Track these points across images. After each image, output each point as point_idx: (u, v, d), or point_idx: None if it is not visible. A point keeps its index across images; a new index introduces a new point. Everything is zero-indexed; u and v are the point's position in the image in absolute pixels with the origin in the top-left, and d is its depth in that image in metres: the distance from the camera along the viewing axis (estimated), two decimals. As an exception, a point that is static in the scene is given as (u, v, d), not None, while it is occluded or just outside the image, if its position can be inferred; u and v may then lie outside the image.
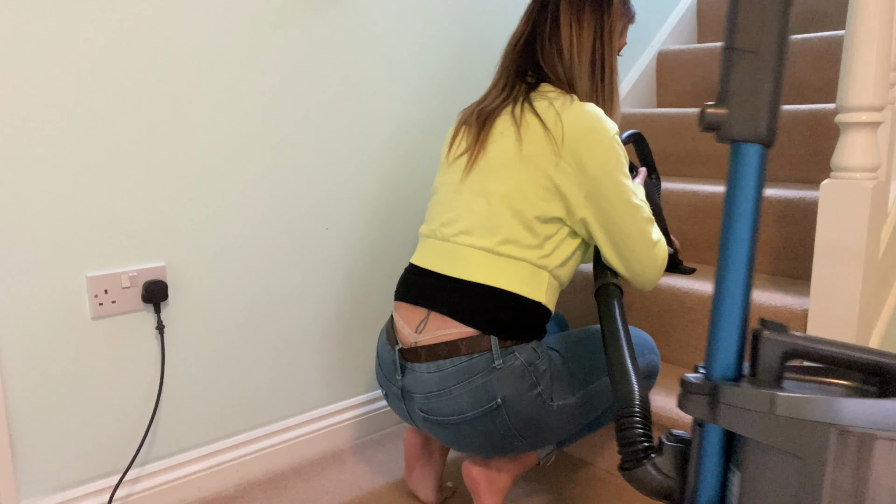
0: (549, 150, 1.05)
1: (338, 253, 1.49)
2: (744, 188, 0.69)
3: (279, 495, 1.34)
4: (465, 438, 1.08)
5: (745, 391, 0.66)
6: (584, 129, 1.04)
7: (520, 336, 1.06)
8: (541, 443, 1.11)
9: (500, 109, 1.13)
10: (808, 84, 1.94)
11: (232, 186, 1.30)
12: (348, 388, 1.57)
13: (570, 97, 1.09)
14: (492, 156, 1.10)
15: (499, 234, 1.06)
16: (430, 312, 1.09)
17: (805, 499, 0.65)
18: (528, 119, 1.08)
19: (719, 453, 0.70)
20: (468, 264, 1.07)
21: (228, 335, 1.34)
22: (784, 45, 0.68)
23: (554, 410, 1.07)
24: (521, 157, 1.06)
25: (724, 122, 0.69)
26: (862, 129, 1.12)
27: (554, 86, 1.13)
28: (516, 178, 1.06)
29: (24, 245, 1.08)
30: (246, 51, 1.28)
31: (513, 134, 1.08)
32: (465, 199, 1.11)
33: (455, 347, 1.05)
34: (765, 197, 1.53)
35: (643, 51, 2.27)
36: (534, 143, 1.06)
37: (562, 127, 1.05)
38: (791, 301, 1.30)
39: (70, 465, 1.18)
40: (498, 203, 1.07)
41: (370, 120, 1.49)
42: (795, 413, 0.65)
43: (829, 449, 0.64)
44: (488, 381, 1.03)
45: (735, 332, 0.69)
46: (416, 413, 1.11)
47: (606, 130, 1.05)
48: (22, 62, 1.05)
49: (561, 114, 1.06)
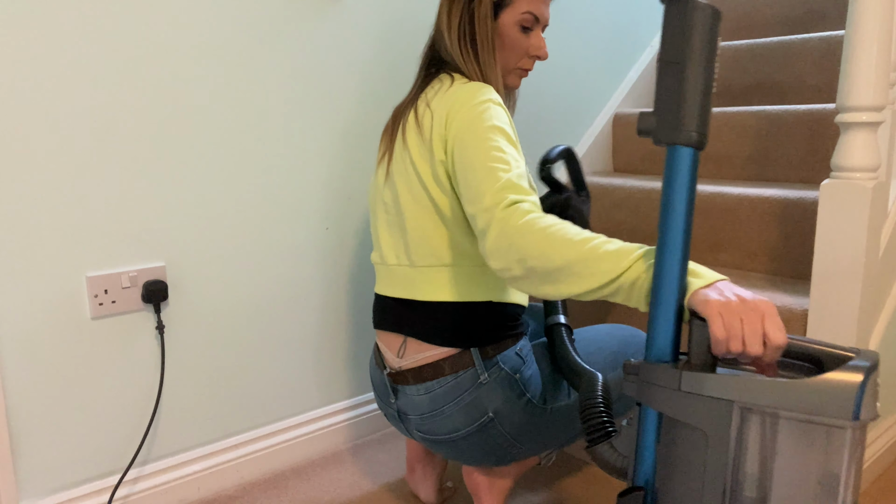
0: (422, 143, 1.03)
1: (338, 253, 1.49)
2: (677, 187, 0.74)
3: (279, 495, 1.34)
4: (466, 453, 1.08)
5: (658, 369, 0.71)
6: (447, 106, 1.01)
7: (498, 339, 1.05)
8: (543, 447, 1.11)
9: (406, 108, 1.11)
10: (808, 84, 1.94)
11: (232, 187, 1.30)
12: (349, 388, 1.57)
13: (446, 82, 1.06)
14: (395, 164, 1.09)
15: (424, 247, 1.04)
16: (406, 338, 1.09)
17: (711, 475, 0.68)
18: (409, 116, 1.07)
19: (655, 431, 0.74)
20: (416, 285, 1.06)
21: (228, 335, 1.34)
22: (709, 55, 0.73)
23: (548, 413, 1.07)
24: (405, 160, 1.05)
25: (653, 127, 0.75)
26: (862, 129, 1.12)
27: (446, 72, 1.10)
28: (413, 185, 1.04)
29: (24, 245, 1.08)
30: (247, 51, 1.28)
31: (401, 139, 1.08)
32: (387, 217, 1.10)
33: (439, 368, 1.04)
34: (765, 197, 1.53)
35: (643, 51, 2.27)
36: (413, 141, 1.05)
37: (430, 114, 1.03)
38: (791, 301, 1.30)
39: (70, 465, 1.18)
40: (411, 217, 1.05)
41: (371, 120, 1.49)
42: (699, 389, 0.68)
43: (732, 426, 0.67)
44: (477, 397, 1.03)
45: (670, 318, 0.74)
46: (415, 433, 1.12)
47: (469, 98, 0.99)
48: (22, 61, 1.04)
49: (430, 102, 1.05)
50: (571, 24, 1.98)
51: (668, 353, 0.74)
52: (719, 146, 1.90)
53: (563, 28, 1.94)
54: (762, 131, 1.80)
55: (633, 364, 0.75)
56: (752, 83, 2.06)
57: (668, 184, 0.75)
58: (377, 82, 1.49)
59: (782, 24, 2.24)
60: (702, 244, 1.66)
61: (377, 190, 1.14)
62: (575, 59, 2.01)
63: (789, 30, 2.23)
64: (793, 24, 2.22)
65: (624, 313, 1.54)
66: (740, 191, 1.59)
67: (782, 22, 2.24)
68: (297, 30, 1.34)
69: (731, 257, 1.62)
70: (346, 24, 1.42)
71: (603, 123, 2.14)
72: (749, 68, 2.06)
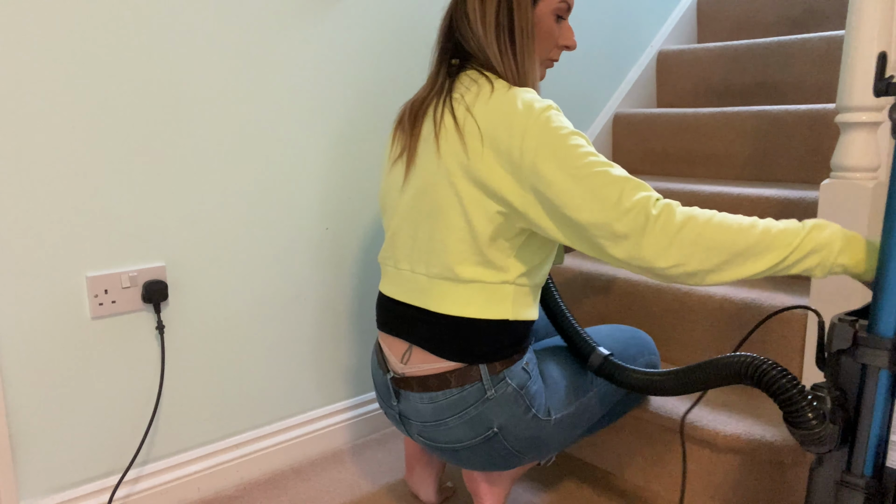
0: (464, 154, 0.95)
1: (338, 253, 1.49)
2: None
3: (279, 495, 1.34)
4: (467, 461, 1.07)
5: None
6: (499, 121, 0.93)
7: (506, 356, 1.01)
8: (545, 454, 1.10)
9: (428, 104, 1.04)
10: (808, 84, 1.94)
11: (232, 186, 1.30)
12: (348, 388, 1.57)
13: (485, 86, 0.99)
14: (420, 168, 1.02)
15: (447, 258, 0.99)
16: (412, 346, 1.05)
17: None
18: (446, 120, 0.99)
19: (887, 394, 0.79)
20: (430, 295, 1.02)
21: (228, 335, 1.34)
22: None
23: (552, 424, 1.06)
24: (441, 169, 0.98)
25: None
26: (862, 129, 1.12)
27: (473, 68, 1.04)
28: (444, 193, 0.98)
29: (25, 245, 1.08)
30: (247, 51, 1.28)
31: (433, 141, 1.00)
32: (405, 221, 1.05)
33: (445, 380, 1.01)
34: (765, 197, 1.53)
35: (643, 51, 2.27)
36: (450, 149, 0.97)
37: (475, 123, 0.95)
38: (791, 301, 1.30)
39: (70, 465, 1.18)
40: (436, 226, 0.99)
41: (370, 120, 1.49)
42: None
43: None
44: (482, 412, 1.01)
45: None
46: (416, 437, 1.10)
47: (530, 113, 0.92)
48: (22, 61, 1.05)
49: (472, 108, 0.97)
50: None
51: (893, 329, 0.77)
52: (719, 146, 1.90)
53: (563, 28, 1.94)
54: (762, 131, 1.80)
55: (880, 339, 0.78)
56: (752, 83, 2.06)
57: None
58: (377, 82, 1.49)
59: (782, 24, 2.24)
60: (702, 244, 1.66)
61: (393, 190, 1.08)
62: (575, 59, 2.02)
63: (789, 30, 2.23)
64: (793, 24, 2.22)
65: (624, 313, 1.54)
66: (740, 191, 1.59)
67: (782, 22, 2.24)
68: (297, 30, 1.34)
69: (731, 257, 1.61)
70: (345, 25, 1.42)
71: (603, 123, 2.15)
72: (749, 68, 2.06)
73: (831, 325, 0.82)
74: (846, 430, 0.81)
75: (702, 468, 1.22)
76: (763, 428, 1.17)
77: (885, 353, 0.77)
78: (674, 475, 1.28)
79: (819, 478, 0.84)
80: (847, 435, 0.81)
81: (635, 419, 1.33)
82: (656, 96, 2.32)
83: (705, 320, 1.39)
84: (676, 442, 1.27)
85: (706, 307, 1.39)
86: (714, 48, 2.14)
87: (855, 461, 0.81)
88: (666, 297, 1.45)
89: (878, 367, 0.78)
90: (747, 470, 1.17)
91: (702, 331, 1.40)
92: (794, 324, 1.27)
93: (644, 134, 2.08)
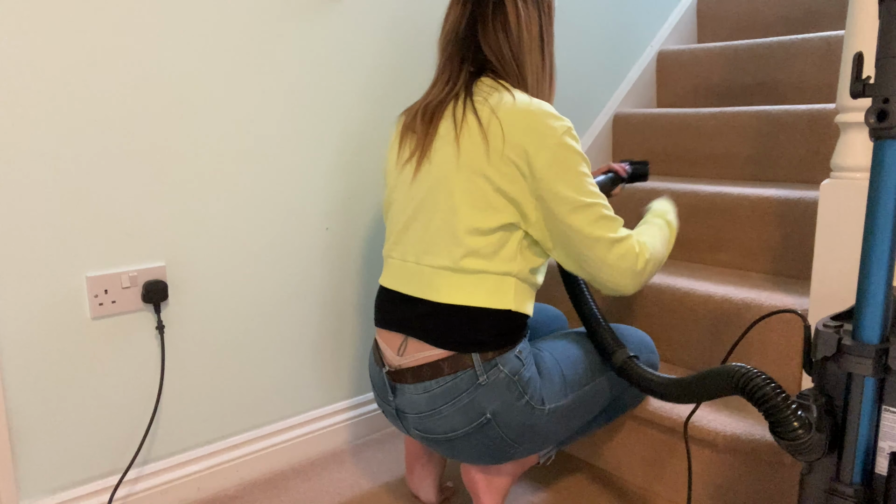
0: (485, 153, 1.00)
1: (338, 253, 1.49)
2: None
3: (279, 495, 1.34)
4: (464, 452, 1.08)
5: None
6: (524, 128, 0.99)
7: (500, 345, 1.04)
8: (540, 446, 1.11)
9: (444, 106, 1.07)
10: (808, 84, 1.94)
11: (232, 186, 1.30)
12: (348, 389, 1.57)
13: (506, 92, 1.03)
14: (435, 164, 1.05)
15: (456, 250, 1.03)
16: (407, 337, 1.08)
17: None
18: (468, 119, 1.03)
19: (872, 401, 0.79)
20: (433, 285, 1.05)
21: (228, 335, 1.35)
22: None
23: (546, 414, 1.07)
24: (460, 165, 1.02)
25: None
26: (862, 129, 1.12)
27: (494, 76, 1.08)
28: (460, 188, 1.02)
29: (24, 245, 1.08)
30: (247, 51, 1.28)
31: (452, 139, 1.04)
32: (417, 215, 1.08)
33: (438, 368, 1.04)
34: (765, 197, 1.53)
35: (643, 51, 2.27)
36: (471, 147, 1.01)
37: (499, 125, 1.00)
38: (791, 301, 1.30)
39: (70, 465, 1.18)
40: (448, 218, 1.03)
41: (372, 120, 1.49)
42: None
43: None
44: (475, 398, 1.03)
45: (879, 302, 0.78)
46: (413, 431, 1.12)
47: (553, 129, 0.99)
48: (22, 60, 1.05)
49: (496, 111, 1.01)
50: (572, 23, 1.98)
51: (877, 335, 0.77)
52: (719, 146, 1.90)
53: (563, 28, 1.95)
54: (762, 131, 1.80)
55: (863, 346, 0.78)
56: (752, 83, 2.06)
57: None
58: (378, 82, 1.49)
59: (782, 24, 2.24)
60: (702, 244, 1.66)
61: (402, 187, 1.11)
62: (575, 59, 2.02)
63: (789, 30, 2.23)
64: (793, 24, 2.22)
65: (624, 313, 1.54)
66: (740, 191, 1.59)
67: (782, 22, 2.24)
68: (298, 30, 1.34)
69: (731, 257, 1.62)
70: (346, 25, 1.42)
71: (603, 123, 2.15)
72: (749, 68, 2.06)
73: (816, 331, 0.81)
74: (834, 437, 0.80)
75: (702, 468, 1.22)
76: (763, 428, 1.17)
77: (869, 361, 0.77)
78: (674, 475, 1.28)
79: (809, 485, 0.83)
80: (835, 442, 0.80)
81: (635, 419, 1.33)
82: (656, 96, 2.33)
83: (704, 319, 1.40)
84: (676, 442, 1.27)
85: (706, 307, 1.39)
86: (714, 48, 2.14)
87: (843, 469, 0.80)
88: (665, 296, 1.46)
89: (862, 375, 0.78)
90: (747, 470, 1.17)
91: (701, 330, 1.40)
92: (794, 324, 1.27)
93: (644, 134, 2.09)
